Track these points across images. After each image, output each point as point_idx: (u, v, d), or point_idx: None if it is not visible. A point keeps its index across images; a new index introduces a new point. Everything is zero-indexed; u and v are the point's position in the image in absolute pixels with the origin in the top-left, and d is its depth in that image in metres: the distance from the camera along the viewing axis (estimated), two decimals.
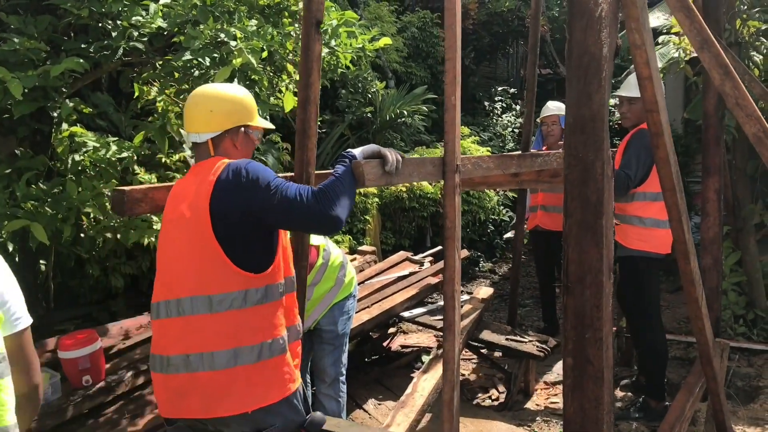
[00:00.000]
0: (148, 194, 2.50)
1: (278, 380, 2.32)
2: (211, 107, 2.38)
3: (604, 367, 2.21)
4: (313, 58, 2.71)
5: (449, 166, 2.82)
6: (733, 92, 2.39)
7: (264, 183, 2.22)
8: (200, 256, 2.24)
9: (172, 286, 2.29)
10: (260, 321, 2.29)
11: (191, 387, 2.25)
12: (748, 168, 5.72)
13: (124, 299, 5.69)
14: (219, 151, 2.40)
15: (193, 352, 2.24)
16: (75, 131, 4.56)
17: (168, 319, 2.30)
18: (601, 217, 2.16)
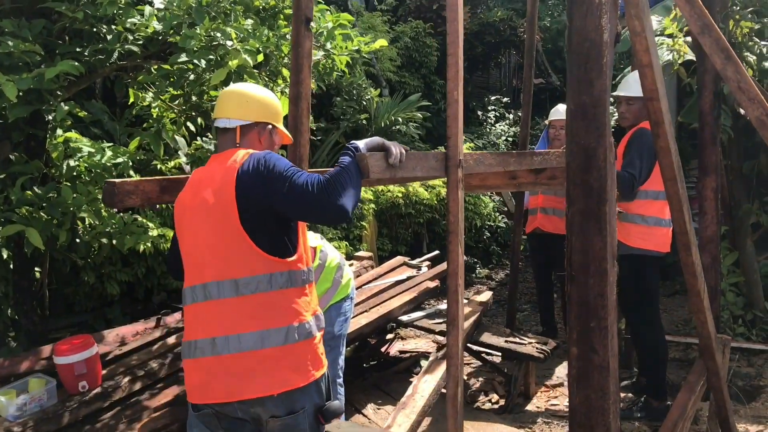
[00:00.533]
0: (139, 186, 2.48)
1: (305, 364, 2.33)
2: (248, 98, 2.50)
3: (609, 356, 2.19)
4: (304, 55, 2.70)
5: (452, 161, 2.82)
6: (735, 76, 2.39)
7: (278, 172, 2.25)
8: (225, 241, 2.29)
9: (198, 271, 2.34)
10: (286, 304, 2.32)
11: (217, 370, 2.27)
12: (744, 168, 5.73)
13: (119, 306, 5.65)
14: (244, 141, 2.48)
15: (220, 335, 2.27)
16: (70, 137, 4.54)
17: (195, 304, 2.36)
18: (604, 204, 2.14)
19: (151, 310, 5.61)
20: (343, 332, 3.90)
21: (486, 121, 13.42)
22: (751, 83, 2.39)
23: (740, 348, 5.36)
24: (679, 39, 5.46)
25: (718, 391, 3.39)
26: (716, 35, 2.35)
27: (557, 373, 5.34)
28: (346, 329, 3.98)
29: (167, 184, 2.58)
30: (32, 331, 4.60)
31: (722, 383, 3.38)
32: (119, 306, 5.65)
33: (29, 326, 4.58)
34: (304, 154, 2.84)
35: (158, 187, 2.55)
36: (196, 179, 2.45)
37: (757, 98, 2.37)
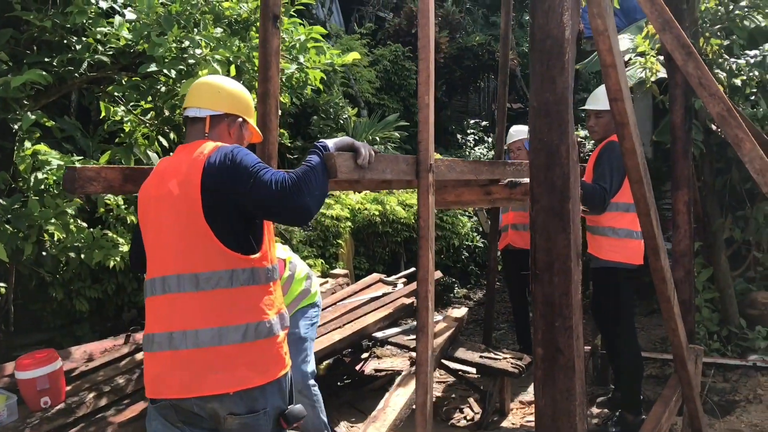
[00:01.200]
0: (101, 173, 2.42)
1: (263, 364, 2.29)
2: (220, 89, 2.49)
3: (574, 356, 2.15)
4: (271, 52, 2.69)
5: (423, 165, 2.81)
6: (695, 72, 2.40)
7: (244, 167, 2.22)
8: (188, 234, 2.25)
9: (160, 263, 2.31)
10: (247, 302, 2.28)
11: (173, 365, 2.23)
12: (716, 183, 5.76)
13: (89, 324, 5.53)
14: (213, 132, 2.45)
15: (177, 330, 2.23)
16: (38, 149, 4.48)
17: (154, 297, 2.32)
18: (567, 202, 2.12)
19: (121, 328, 5.49)
20: (309, 336, 3.93)
21: (465, 144, 13.49)
22: (711, 79, 2.39)
23: (715, 363, 5.34)
24: (651, 57, 5.52)
25: (690, 401, 3.36)
26: (677, 32, 2.36)
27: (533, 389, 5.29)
28: (313, 334, 4.00)
29: (130, 173, 2.53)
30: None
31: (695, 393, 3.35)
32: (88, 323, 5.54)
33: None
34: (273, 152, 2.81)
35: (121, 175, 2.49)
36: (161, 169, 2.40)
37: (718, 93, 2.38)
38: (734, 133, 2.40)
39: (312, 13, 11.75)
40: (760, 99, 5.35)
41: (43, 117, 3.94)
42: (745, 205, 5.55)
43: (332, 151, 2.36)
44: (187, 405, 2.26)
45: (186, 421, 2.31)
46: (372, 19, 14.48)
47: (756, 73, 5.19)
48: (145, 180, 2.47)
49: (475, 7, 17.45)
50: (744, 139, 2.39)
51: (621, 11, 8.79)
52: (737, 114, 2.37)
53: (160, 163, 2.46)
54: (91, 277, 5.38)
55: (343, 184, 3.31)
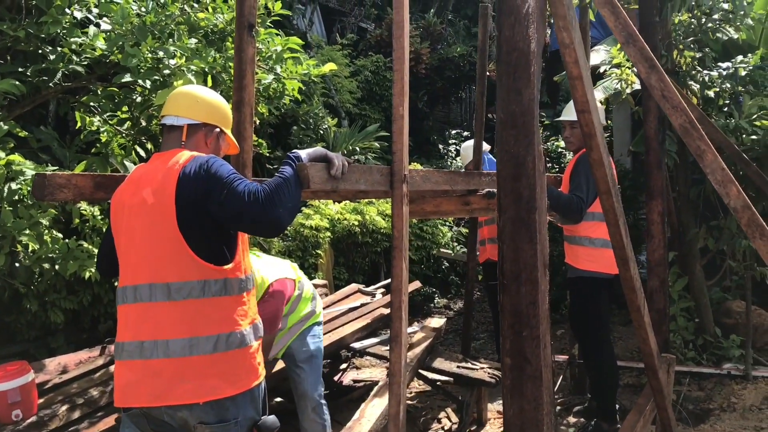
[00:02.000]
0: (71, 180, 2.41)
1: (234, 374, 2.29)
2: (198, 99, 2.50)
3: (542, 365, 2.17)
4: (246, 60, 2.69)
5: (397, 176, 2.81)
6: (658, 84, 2.43)
7: (218, 178, 2.23)
8: (160, 243, 2.25)
9: (132, 272, 2.30)
10: (218, 313, 2.28)
11: (143, 374, 2.23)
12: (690, 193, 5.82)
13: (64, 335, 5.48)
14: (190, 142, 2.46)
15: (148, 339, 2.23)
16: (12, 159, 4.44)
17: (126, 305, 2.31)
18: (534, 212, 2.14)
19: (97, 339, 5.45)
20: (318, 353, 3.99)
21: (447, 155, 13.54)
22: (674, 91, 2.43)
23: (691, 372, 5.39)
24: (626, 68, 5.59)
25: (663, 409, 3.39)
26: (640, 45, 2.40)
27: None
28: (321, 351, 4.07)
29: (102, 180, 2.52)
30: None
31: (667, 402, 3.37)
32: (63, 335, 5.49)
33: None
34: (248, 161, 2.81)
35: (92, 182, 2.48)
36: (136, 176, 2.40)
37: (680, 106, 2.41)
38: (696, 145, 2.43)
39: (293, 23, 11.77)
40: (733, 110, 5.43)
41: (16, 127, 3.92)
42: (719, 215, 5.61)
43: (305, 162, 2.37)
44: (158, 413, 2.27)
45: (157, 429, 2.32)
46: (354, 30, 14.53)
47: (728, 85, 5.26)
48: (119, 186, 2.46)
49: (456, 18, 17.56)
50: (706, 151, 2.43)
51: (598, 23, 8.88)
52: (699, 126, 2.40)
53: (135, 171, 2.46)
54: (67, 288, 5.33)
55: (320, 193, 3.32)
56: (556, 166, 9.64)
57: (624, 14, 2.38)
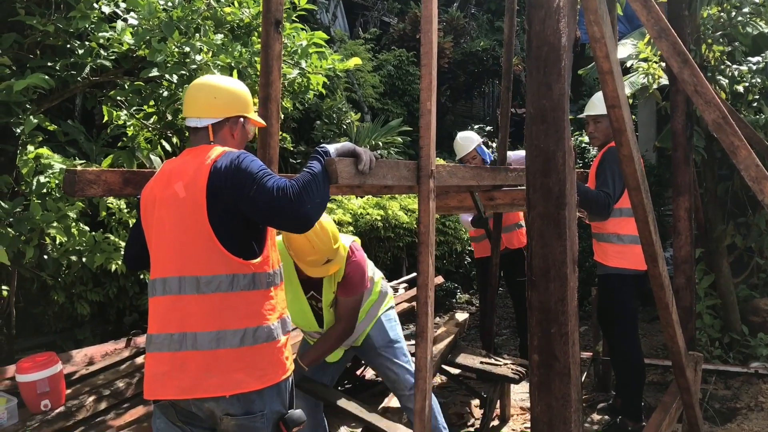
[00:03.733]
0: (101, 176, 2.43)
1: (260, 369, 2.31)
2: (215, 95, 2.47)
3: (570, 363, 2.15)
4: (273, 56, 2.70)
5: (424, 171, 2.81)
6: (691, 79, 2.40)
7: (249, 173, 2.25)
8: (191, 237, 2.27)
9: (162, 264, 2.33)
10: (246, 307, 2.30)
11: (171, 366, 2.26)
12: (718, 190, 5.75)
13: (90, 327, 5.54)
14: (218, 138, 2.47)
15: (176, 332, 2.26)
16: (41, 153, 4.50)
17: (156, 298, 2.34)
18: (563, 209, 2.12)
19: (123, 331, 5.51)
20: (399, 337, 3.83)
21: None
22: (707, 86, 2.39)
23: (717, 370, 5.33)
24: (653, 63, 5.52)
25: (690, 408, 3.35)
26: (673, 39, 2.36)
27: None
28: (401, 334, 3.90)
29: (131, 176, 2.54)
30: None
31: (694, 400, 3.34)
32: (89, 327, 5.55)
33: None
34: (274, 157, 2.83)
35: (121, 178, 2.51)
36: (167, 170, 2.41)
37: (714, 101, 2.38)
38: (730, 141, 2.39)
39: (316, 18, 11.78)
40: (763, 106, 5.35)
41: (45, 121, 3.96)
42: (747, 212, 5.54)
43: (333, 157, 2.38)
44: (185, 405, 2.30)
45: (185, 420, 2.35)
46: (377, 24, 14.52)
47: (758, 80, 5.18)
48: (149, 181, 2.49)
49: (480, 12, 17.46)
50: (740, 147, 2.39)
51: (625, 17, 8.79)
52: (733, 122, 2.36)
53: (165, 165, 2.48)
54: (93, 280, 5.39)
55: (344, 188, 3.32)
56: (580, 162, 9.56)
57: (656, 8, 2.35)
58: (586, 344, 6.60)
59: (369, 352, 3.72)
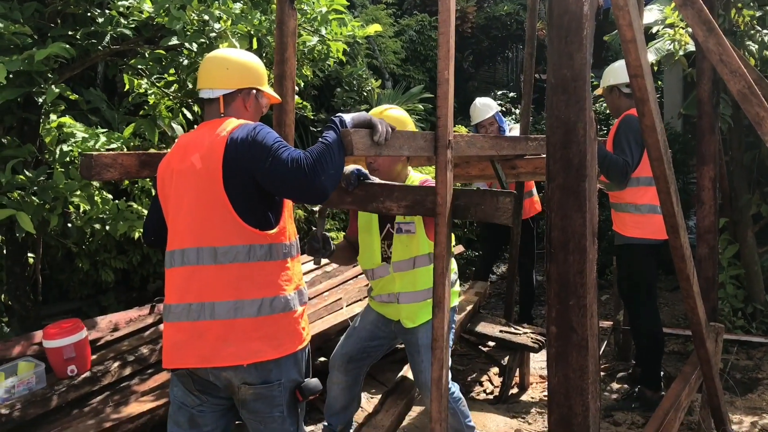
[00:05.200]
0: (117, 160, 2.45)
1: (278, 338, 2.34)
2: (227, 66, 2.48)
3: (588, 335, 2.14)
4: (288, 33, 2.67)
5: (441, 141, 2.77)
6: (716, 48, 2.34)
7: (265, 145, 2.25)
8: (208, 208, 2.29)
9: (180, 235, 2.35)
10: (263, 277, 2.33)
11: (190, 335, 2.30)
12: (744, 158, 5.65)
13: (114, 294, 5.64)
14: (229, 110, 2.48)
15: (195, 301, 2.30)
16: (63, 122, 4.53)
17: (174, 269, 2.37)
18: (584, 180, 2.10)
19: (146, 298, 5.59)
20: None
21: None
22: (733, 55, 2.33)
23: (739, 341, 5.30)
24: (680, 29, 5.39)
25: (709, 379, 3.34)
26: (699, 7, 2.30)
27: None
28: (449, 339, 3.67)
29: (147, 159, 2.56)
30: (25, 317, 4.60)
31: (714, 372, 3.32)
32: (114, 293, 5.65)
33: (22, 312, 4.58)
34: (290, 134, 2.82)
35: (137, 161, 2.52)
36: (184, 143, 2.43)
37: (739, 71, 2.32)
38: (755, 112, 2.34)
39: None
40: None
41: (67, 90, 3.98)
42: None
43: (349, 127, 2.36)
44: (203, 374, 2.34)
45: (202, 390, 2.39)
46: None
47: None
48: (166, 155, 2.51)
49: None
50: (765, 118, 2.33)
51: None
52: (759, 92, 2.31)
53: (181, 138, 2.50)
54: (117, 248, 5.46)
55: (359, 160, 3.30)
56: (604, 128, 9.44)
57: None
58: (607, 313, 6.59)
59: (411, 347, 3.46)
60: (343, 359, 3.45)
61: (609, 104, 4.50)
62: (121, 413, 3.51)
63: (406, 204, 2.59)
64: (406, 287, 3.35)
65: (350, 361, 3.46)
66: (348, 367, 3.46)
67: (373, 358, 3.63)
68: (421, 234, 3.28)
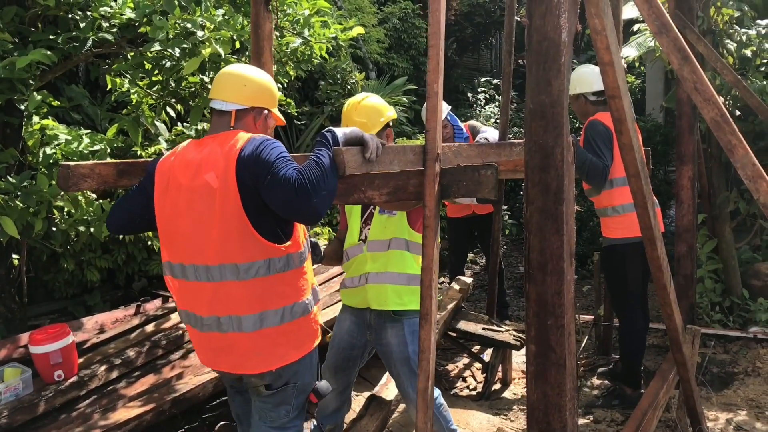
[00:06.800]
0: (95, 170, 2.47)
1: (298, 340, 2.52)
2: (245, 83, 2.53)
3: (566, 354, 2.20)
4: (264, 37, 2.70)
5: (430, 155, 2.80)
6: (691, 76, 2.39)
7: (266, 162, 2.29)
8: (228, 226, 2.35)
9: (198, 252, 2.41)
10: (283, 287, 2.46)
11: (224, 345, 2.47)
12: (723, 156, 5.73)
13: (100, 293, 5.65)
14: (239, 125, 2.52)
15: (224, 315, 2.42)
16: (46, 124, 4.52)
17: (198, 283, 2.45)
18: (561, 204, 2.15)
19: (132, 297, 5.62)
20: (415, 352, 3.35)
21: (476, 103, 13.36)
22: (707, 83, 2.38)
23: (716, 335, 5.41)
24: None
25: (686, 381, 3.43)
26: (673, 35, 2.35)
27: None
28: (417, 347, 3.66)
29: (125, 168, 2.58)
30: (11, 319, 4.61)
31: (690, 374, 3.41)
32: (99, 293, 5.66)
33: (7, 314, 4.59)
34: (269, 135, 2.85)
35: (115, 170, 2.54)
36: (195, 159, 2.44)
37: (713, 99, 2.38)
38: (728, 139, 2.40)
39: None
40: None
41: (49, 97, 3.97)
42: None
43: (341, 144, 2.38)
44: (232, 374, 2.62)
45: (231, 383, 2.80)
46: None
47: (767, 44, 5.11)
48: (167, 161, 2.52)
49: None
50: (737, 146, 2.39)
51: None
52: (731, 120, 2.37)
53: (188, 151, 2.50)
54: (102, 247, 5.47)
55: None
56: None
57: (657, 3, 2.32)
58: (588, 305, 6.69)
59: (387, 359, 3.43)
60: (330, 371, 3.50)
61: (576, 110, 4.54)
62: (108, 419, 3.55)
63: (388, 191, 2.62)
64: (377, 268, 3.32)
65: (337, 371, 3.50)
66: (337, 377, 3.51)
67: (360, 363, 3.68)
68: (402, 218, 3.30)
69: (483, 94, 13.54)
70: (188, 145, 2.53)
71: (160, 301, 5.13)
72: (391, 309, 3.32)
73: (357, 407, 4.56)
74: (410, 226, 3.31)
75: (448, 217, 6.33)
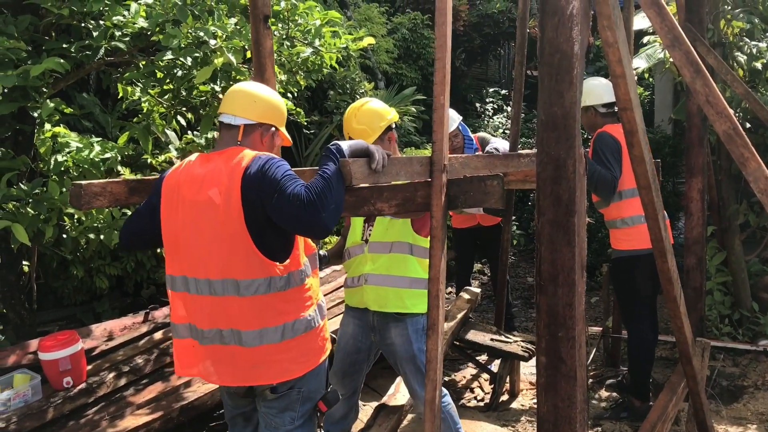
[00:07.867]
0: (106, 188, 2.49)
1: (302, 356, 2.50)
2: (256, 99, 2.56)
3: (577, 365, 2.20)
4: (265, 54, 2.71)
5: (437, 165, 2.80)
6: (703, 90, 2.39)
7: (273, 179, 2.30)
8: (230, 243, 2.36)
9: (202, 266, 2.42)
10: (284, 305, 2.45)
11: (224, 357, 2.46)
12: (732, 168, 5.71)
13: (108, 300, 5.67)
14: (246, 140, 2.53)
15: (226, 328, 2.43)
16: (58, 132, 4.55)
17: (199, 296, 2.46)
18: (573, 216, 2.15)
19: (140, 304, 5.63)
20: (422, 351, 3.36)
21: (484, 113, 13.39)
22: (719, 97, 2.39)
23: (726, 348, 5.38)
24: None
25: (695, 394, 3.41)
26: (686, 48, 2.35)
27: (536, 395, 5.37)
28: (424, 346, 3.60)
29: (136, 185, 2.59)
30: (20, 325, 4.63)
31: (700, 387, 3.39)
32: (108, 300, 5.68)
33: (17, 320, 4.62)
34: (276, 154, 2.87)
35: (126, 188, 2.56)
36: (199, 174, 2.45)
37: (725, 112, 2.38)
38: (740, 152, 2.40)
39: None
40: None
41: (62, 104, 4.00)
42: None
43: (347, 156, 2.40)
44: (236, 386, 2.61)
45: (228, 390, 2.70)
46: None
47: None
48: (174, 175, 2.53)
49: None
50: (749, 159, 2.39)
51: None
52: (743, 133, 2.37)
53: (194, 166, 2.51)
54: (111, 255, 5.49)
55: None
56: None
57: (670, 16, 2.33)
58: (597, 316, 6.66)
59: (392, 358, 3.45)
60: (337, 377, 3.50)
61: (584, 122, 4.54)
62: (117, 427, 3.56)
63: (397, 203, 2.63)
64: (377, 269, 3.33)
65: (344, 376, 3.51)
66: (344, 382, 3.52)
67: (366, 366, 3.68)
68: (406, 222, 3.30)
69: (491, 105, 13.57)
70: (196, 159, 2.55)
71: (168, 309, 5.14)
72: (392, 311, 3.35)
73: (365, 417, 4.56)
74: (414, 230, 3.32)
75: (453, 228, 6.32)
